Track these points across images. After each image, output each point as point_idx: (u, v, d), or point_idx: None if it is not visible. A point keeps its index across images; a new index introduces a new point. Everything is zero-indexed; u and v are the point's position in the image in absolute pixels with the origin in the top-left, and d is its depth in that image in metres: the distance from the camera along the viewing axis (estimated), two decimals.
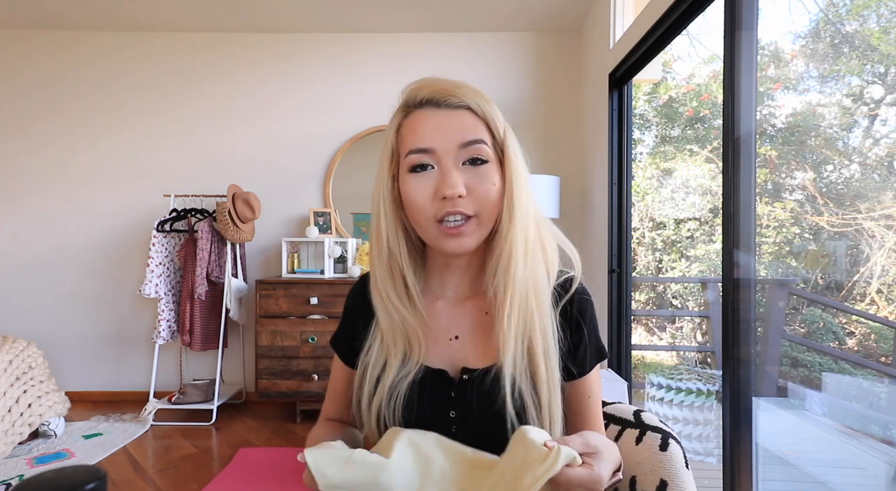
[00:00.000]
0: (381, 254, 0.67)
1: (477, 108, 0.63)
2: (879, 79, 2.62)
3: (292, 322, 2.68)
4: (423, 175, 0.62)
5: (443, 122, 0.62)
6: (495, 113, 0.64)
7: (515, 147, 0.65)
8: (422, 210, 0.62)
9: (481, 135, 0.62)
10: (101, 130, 3.18)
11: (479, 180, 0.62)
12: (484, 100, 0.64)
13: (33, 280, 3.18)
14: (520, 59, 3.17)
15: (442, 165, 0.61)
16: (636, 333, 4.34)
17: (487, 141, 0.63)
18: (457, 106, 0.62)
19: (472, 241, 0.63)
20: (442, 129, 0.61)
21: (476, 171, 0.62)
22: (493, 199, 0.62)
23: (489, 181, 0.62)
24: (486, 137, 0.63)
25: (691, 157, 4.24)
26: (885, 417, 2.19)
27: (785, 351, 2.83)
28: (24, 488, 0.43)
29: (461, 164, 0.62)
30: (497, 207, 0.63)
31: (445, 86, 0.63)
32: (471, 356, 0.67)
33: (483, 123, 0.63)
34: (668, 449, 0.70)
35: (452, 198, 0.60)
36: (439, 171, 0.62)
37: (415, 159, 0.62)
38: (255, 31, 3.16)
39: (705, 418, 2.38)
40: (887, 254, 2.59)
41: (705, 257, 4.01)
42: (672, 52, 4.25)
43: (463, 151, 0.61)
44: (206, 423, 2.74)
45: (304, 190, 3.19)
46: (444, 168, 0.61)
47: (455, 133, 0.61)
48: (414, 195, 0.62)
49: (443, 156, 0.61)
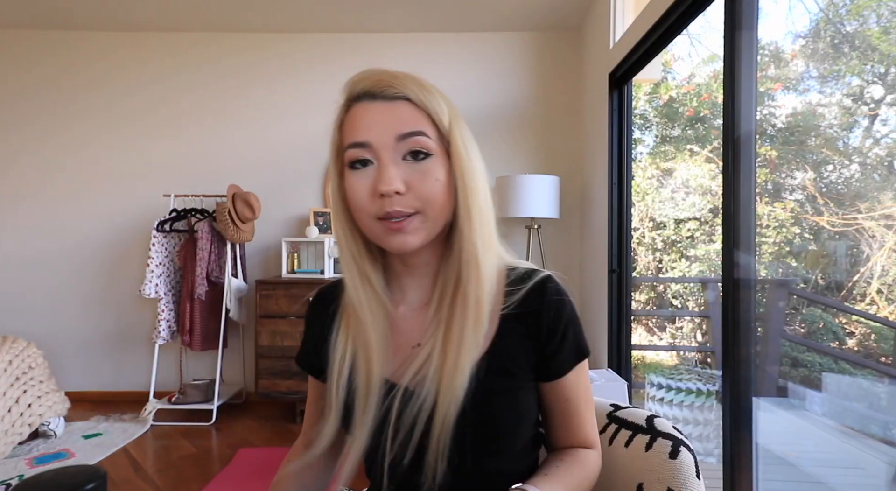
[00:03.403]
0: (344, 258, 0.64)
1: (416, 99, 0.59)
2: (879, 79, 2.62)
3: (292, 322, 2.68)
4: (363, 171, 0.58)
5: (379, 115, 0.58)
6: (437, 104, 0.60)
7: (464, 139, 0.61)
8: (362, 208, 0.59)
9: (420, 126, 0.58)
10: (100, 130, 3.18)
11: (420, 176, 0.58)
12: (425, 90, 0.60)
13: (33, 280, 3.18)
14: (520, 59, 3.17)
15: (380, 160, 0.57)
16: (636, 333, 4.34)
17: (429, 133, 0.59)
18: (394, 97, 0.58)
19: (417, 238, 0.59)
20: (378, 122, 0.58)
21: (417, 167, 0.58)
22: (436, 196, 0.58)
23: (431, 177, 0.58)
24: (427, 129, 0.58)
25: (691, 158, 4.24)
26: (885, 417, 2.19)
27: (785, 351, 2.83)
28: (24, 488, 0.43)
29: (402, 159, 0.58)
30: (444, 204, 0.59)
31: (382, 77, 0.59)
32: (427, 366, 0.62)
33: (424, 115, 0.59)
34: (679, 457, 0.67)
35: (389, 195, 0.56)
36: (377, 166, 0.58)
37: (352, 154, 0.58)
38: (255, 30, 3.16)
39: (705, 418, 2.38)
40: (887, 254, 2.59)
41: (705, 257, 4.01)
42: (672, 52, 4.25)
43: (401, 144, 0.57)
44: (206, 423, 2.74)
45: (304, 190, 3.18)
46: (382, 163, 0.57)
47: (392, 125, 0.57)
48: (353, 193, 0.59)
49: (380, 150, 0.57)
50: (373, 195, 0.58)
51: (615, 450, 0.76)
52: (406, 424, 0.60)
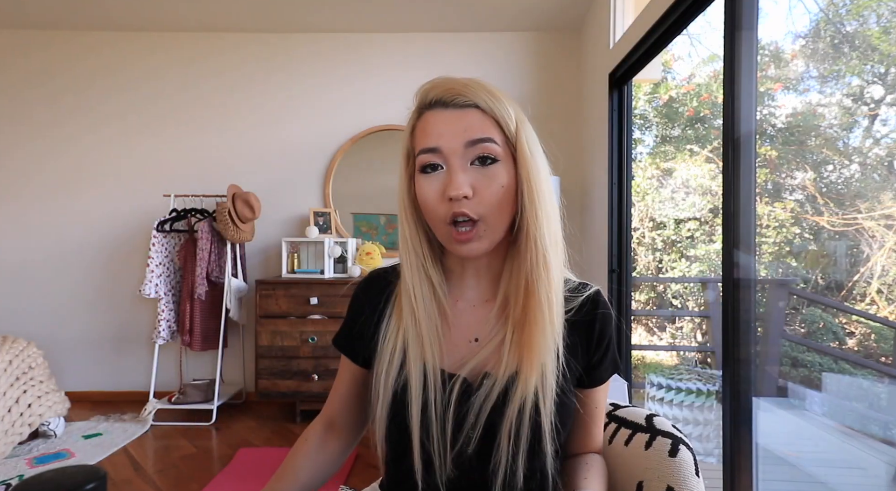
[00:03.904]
0: (408, 254, 0.67)
1: (485, 106, 0.61)
2: (879, 79, 2.62)
3: (292, 322, 2.68)
4: (433, 176, 0.62)
5: (450, 122, 0.61)
6: (505, 109, 0.62)
7: (530, 143, 0.63)
8: (432, 211, 0.62)
9: (488, 133, 0.61)
10: (101, 130, 3.18)
11: (486, 181, 0.61)
12: (493, 97, 0.62)
13: (33, 280, 3.18)
14: (520, 59, 3.17)
15: (449, 165, 0.61)
16: (636, 333, 4.34)
17: (497, 139, 0.61)
18: (464, 105, 0.61)
19: (482, 245, 0.63)
20: (449, 129, 0.61)
21: (484, 172, 0.61)
22: (498, 201, 0.61)
23: (496, 182, 0.61)
24: (495, 135, 0.61)
25: (691, 157, 4.24)
26: (885, 417, 2.19)
27: (785, 351, 2.83)
28: (24, 488, 0.43)
29: (470, 164, 0.61)
30: (505, 209, 0.62)
31: (453, 85, 0.62)
32: (491, 361, 0.65)
33: (492, 121, 0.62)
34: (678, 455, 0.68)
35: (457, 199, 0.60)
36: (447, 171, 0.61)
37: (424, 159, 0.62)
38: (256, 30, 3.16)
39: (705, 418, 2.38)
40: (887, 254, 2.59)
41: (705, 257, 4.01)
42: (672, 52, 4.25)
43: (470, 150, 0.61)
44: (206, 423, 2.74)
45: (304, 190, 3.18)
46: (451, 168, 0.61)
47: (461, 132, 0.60)
48: (424, 196, 0.63)
49: (450, 156, 0.61)
50: (442, 198, 0.61)
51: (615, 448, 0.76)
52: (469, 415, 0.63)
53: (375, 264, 2.82)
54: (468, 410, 0.63)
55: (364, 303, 0.74)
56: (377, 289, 0.74)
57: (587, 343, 0.68)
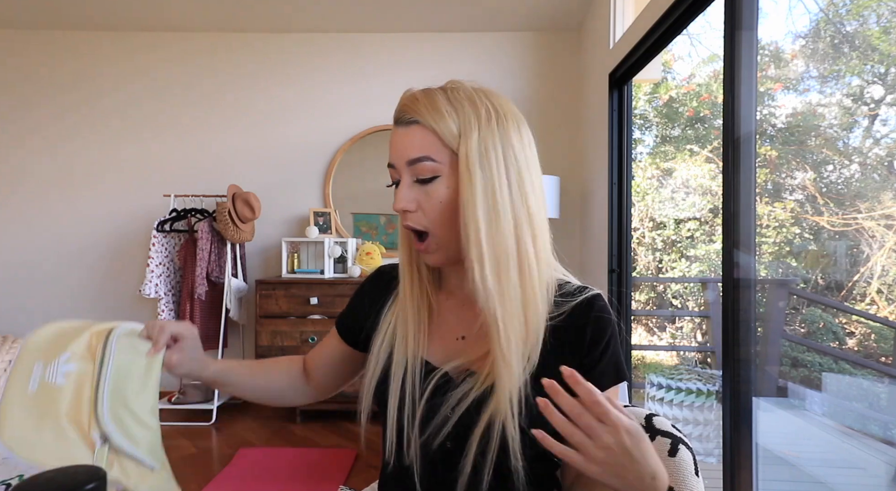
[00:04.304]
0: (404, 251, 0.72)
1: (425, 123, 0.61)
2: (879, 79, 2.62)
3: (292, 322, 2.68)
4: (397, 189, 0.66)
5: (399, 139, 0.64)
6: (446, 125, 0.61)
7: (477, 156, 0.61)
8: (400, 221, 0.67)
9: (426, 151, 0.61)
10: (101, 130, 3.18)
11: (425, 197, 0.64)
12: (436, 111, 0.61)
13: (33, 280, 3.18)
14: (520, 59, 3.17)
15: (401, 180, 0.65)
16: (636, 332, 4.34)
17: (436, 156, 0.61)
18: (409, 122, 0.63)
19: (438, 257, 0.66)
20: (396, 147, 0.64)
21: (425, 189, 0.63)
22: (439, 216, 0.63)
23: (435, 198, 0.63)
24: (433, 152, 0.61)
25: (691, 157, 4.24)
26: (885, 417, 2.20)
27: (785, 351, 2.83)
28: (24, 488, 0.43)
29: (414, 182, 0.64)
30: (448, 224, 0.64)
31: (406, 101, 0.64)
32: (474, 358, 0.66)
33: (434, 137, 0.61)
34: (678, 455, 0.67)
35: (399, 212, 0.65)
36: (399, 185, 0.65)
37: (390, 173, 0.67)
38: (256, 31, 3.16)
39: (705, 418, 2.38)
40: (887, 254, 2.59)
41: (705, 257, 4.01)
42: (672, 52, 4.25)
43: (411, 169, 0.63)
44: (206, 423, 2.74)
45: (304, 190, 3.18)
46: (401, 183, 0.64)
47: (403, 151, 0.63)
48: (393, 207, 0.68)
49: (401, 171, 0.64)
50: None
51: None
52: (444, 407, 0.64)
53: (375, 264, 2.82)
54: (443, 403, 0.64)
55: (370, 290, 0.79)
56: (383, 282, 0.78)
57: (579, 347, 0.66)
